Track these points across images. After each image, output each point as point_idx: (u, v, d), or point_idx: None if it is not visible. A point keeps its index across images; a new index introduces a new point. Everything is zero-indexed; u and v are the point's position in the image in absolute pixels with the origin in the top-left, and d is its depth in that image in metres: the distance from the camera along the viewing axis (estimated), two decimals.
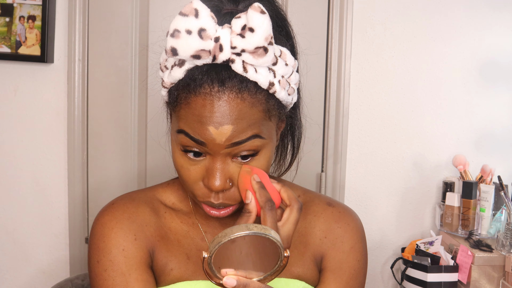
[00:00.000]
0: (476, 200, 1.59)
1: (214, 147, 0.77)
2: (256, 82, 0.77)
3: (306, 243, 0.93)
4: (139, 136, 1.66)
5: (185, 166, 0.81)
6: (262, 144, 0.80)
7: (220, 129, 0.76)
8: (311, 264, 0.93)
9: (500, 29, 1.71)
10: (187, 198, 0.95)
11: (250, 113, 0.77)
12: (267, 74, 0.78)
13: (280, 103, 0.83)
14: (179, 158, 0.82)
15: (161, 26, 1.61)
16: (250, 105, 0.77)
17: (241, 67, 0.75)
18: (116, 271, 0.86)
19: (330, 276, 0.93)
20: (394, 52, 1.70)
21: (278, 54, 0.80)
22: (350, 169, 1.73)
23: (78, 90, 1.61)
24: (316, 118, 1.68)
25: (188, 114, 0.77)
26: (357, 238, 0.95)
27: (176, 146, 0.81)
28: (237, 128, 0.76)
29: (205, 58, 0.75)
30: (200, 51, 0.74)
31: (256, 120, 0.78)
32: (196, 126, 0.77)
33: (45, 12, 1.56)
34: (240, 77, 0.76)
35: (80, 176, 1.64)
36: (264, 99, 0.79)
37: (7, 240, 1.67)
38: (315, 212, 0.95)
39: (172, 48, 0.74)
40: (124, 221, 0.88)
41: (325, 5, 1.68)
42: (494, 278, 1.47)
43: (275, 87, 0.79)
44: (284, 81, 0.81)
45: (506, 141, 1.75)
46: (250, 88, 0.77)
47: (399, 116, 1.72)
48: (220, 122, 0.76)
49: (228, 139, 0.76)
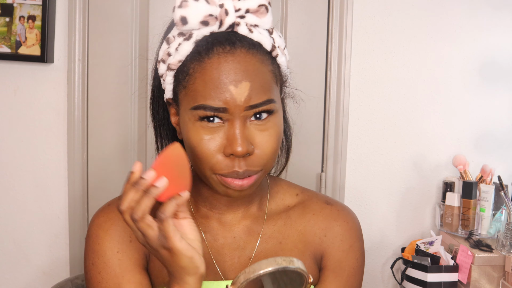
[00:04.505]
0: (476, 200, 1.59)
1: (235, 109, 0.78)
2: (261, 43, 0.82)
3: (306, 242, 0.94)
4: (139, 136, 1.66)
5: (204, 140, 0.80)
6: (275, 107, 0.83)
7: (239, 87, 0.78)
8: (311, 262, 0.93)
9: (500, 29, 1.71)
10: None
11: (262, 71, 0.81)
12: (269, 37, 0.84)
13: (281, 70, 0.87)
14: (195, 132, 0.80)
15: (161, 26, 1.61)
16: (260, 61, 0.81)
17: (246, 29, 0.81)
18: (109, 273, 0.86)
19: (330, 274, 0.93)
20: (394, 52, 1.70)
21: (272, 26, 0.86)
22: (350, 169, 1.73)
23: (78, 90, 1.61)
24: (316, 118, 1.68)
25: (206, 80, 0.79)
26: (355, 236, 0.95)
27: (193, 125, 0.81)
28: (253, 86, 0.79)
29: (213, 24, 0.80)
30: (208, 16, 0.79)
31: (268, 81, 0.82)
32: (215, 91, 0.78)
33: (45, 12, 1.56)
34: (247, 39, 0.81)
35: (80, 176, 1.64)
36: (269, 60, 0.83)
37: (7, 240, 1.67)
38: (313, 210, 0.96)
39: (182, 17, 0.79)
40: (120, 223, 0.88)
41: (325, 5, 1.68)
42: (494, 278, 1.47)
43: (277, 51, 0.84)
44: (281, 50, 0.86)
45: (506, 141, 1.75)
46: (257, 48, 0.82)
47: (399, 116, 1.72)
48: (238, 79, 0.78)
49: (247, 99, 0.78)
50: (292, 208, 0.96)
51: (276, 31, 0.86)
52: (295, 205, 0.97)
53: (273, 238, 0.93)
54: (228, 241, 0.91)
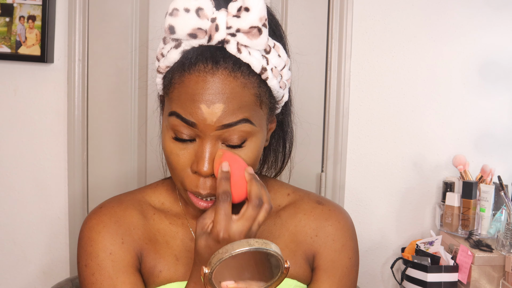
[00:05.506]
0: (476, 200, 1.59)
1: (205, 128, 0.78)
2: (249, 64, 0.79)
3: (297, 242, 0.94)
4: (139, 136, 1.66)
5: (174, 152, 0.81)
6: (252, 131, 0.80)
7: (211, 108, 0.77)
8: (302, 262, 0.93)
9: (500, 29, 1.71)
10: (177, 198, 0.95)
11: (241, 94, 0.78)
12: (260, 59, 0.80)
13: (271, 93, 0.84)
14: (169, 144, 0.82)
15: (162, 26, 1.61)
16: (242, 85, 0.78)
17: (235, 47, 0.78)
18: (103, 275, 0.86)
19: (323, 274, 0.93)
20: (394, 52, 1.70)
21: (271, 45, 0.82)
22: (350, 169, 1.73)
23: (78, 90, 1.61)
24: (316, 118, 1.68)
25: (181, 93, 0.78)
26: (348, 236, 0.95)
27: (167, 133, 0.82)
28: (228, 108, 0.77)
29: (201, 37, 0.77)
30: (197, 29, 0.76)
31: (248, 103, 0.79)
32: (188, 105, 0.78)
33: (45, 12, 1.56)
34: (234, 58, 0.78)
35: (80, 176, 1.64)
36: (256, 83, 0.80)
37: (7, 240, 1.67)
38: (304, 210, 0.95)
39: (170, 26, 0.77)
40: (112, 225, 0.88)
41: (325, 5, 1.68)
42: (494, 278, 1.47)
43: (268, 73, 0.80)
44: (277, 72, 0.82)
45: (506, 141, 1.75)
46: (243, 70, 0.79)
47: (399, 116, 1.72)
48: (212, 100, 0.77)
49: (219, 119, 0.77)
50: (283, 208, 0.96)
51: (277, 50, 0.83)
52: (286, 205, 0.97)
53: (263, 237, 0.92)
54: None
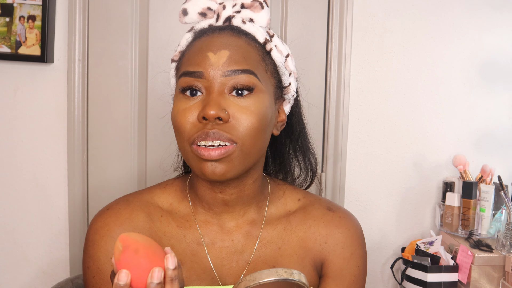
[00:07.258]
0: (476, 200, 1.59)
1: (212, 75, 0.81)
2: (253, 35, 0.88)
3: (306, 248, 0.93)
4: (139, 136, 1.66)
5: (181, 108, 0.83)
6: (257, 86, 0.83)
7: (218, 54, 0.82)
8: (310, 269, 0.93)
9: (500, 29, 1.71)
10: (186, 198, 0.95)
11: (246, 49, 0.85)
12: (264, 33, 0.89)
13: (276, 68, 0.89)
14: (176, 105, 0.85)
15: (161, 26, 1.61)
16: (246, 43, 0.87)
17: (240, 20, 0.88)
18: (103, 279, 0.86)
19: (331, 282, 0.93)
20: (394, 52, 1.70)
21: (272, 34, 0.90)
22: (350, 169, 1.73)
23: (78, 90, 1.61)
24: (316, 118, 1.68)
25: (190, 53, 0.86)
26: (357, 244, 0.95)
27: (176, 97, 0.86)
28: (233, 56, 0.83)
29: (210, 17, 0.89)
30: (207, 9, 0.88)
31: (252, 59, 0.85)
32: (196, 57, 0.84)
33: (45, 12, 1.56)
34: (239, 29, 0.88)
35: (80, 176, 1.64)
36: (260, 50, 0.88)
37: (7, 240, 1.67)
38: (315, 216, 0.95)
39: (183, 9, 0.90)
40: (116, 229, 0.88)
41: (325, 5, 1.68)
42: (494, 278, 1.47)
43: (271, 45, 0.89)
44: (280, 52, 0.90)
45: (506, 141, 1.75)
46: (247, 35, 0.88)
47: (399, 116, 1.72)
48: (219, 47, 0.84)
49: (225, 64, 0.82)
50: (293, 214, 0.96)
51: (280, 40, 0.91)
52: (296, 210, 0.96)
53: (272, 243, 0.92)
54: (226, 244, 0.91)
